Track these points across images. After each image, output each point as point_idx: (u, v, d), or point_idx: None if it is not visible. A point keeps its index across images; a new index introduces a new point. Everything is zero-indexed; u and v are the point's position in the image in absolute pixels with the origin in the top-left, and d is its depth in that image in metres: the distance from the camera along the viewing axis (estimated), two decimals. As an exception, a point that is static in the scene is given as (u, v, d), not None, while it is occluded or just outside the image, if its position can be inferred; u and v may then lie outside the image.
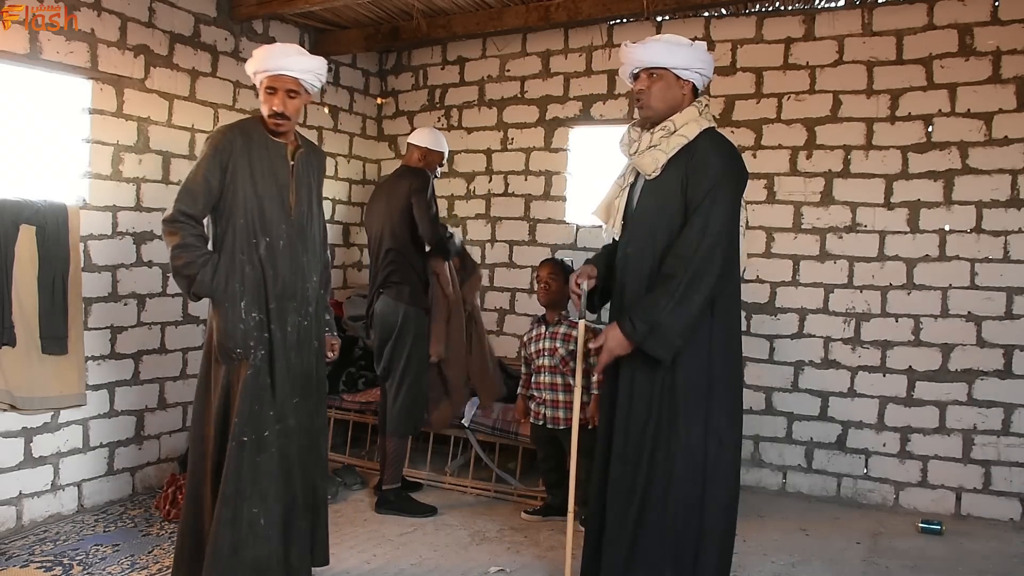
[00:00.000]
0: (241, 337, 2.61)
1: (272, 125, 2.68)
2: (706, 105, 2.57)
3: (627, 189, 2.65)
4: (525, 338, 3.79)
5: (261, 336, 2.64)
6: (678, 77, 2.52)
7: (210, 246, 2.70)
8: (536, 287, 3.76)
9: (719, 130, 2.59)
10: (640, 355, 2.45)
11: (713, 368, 2.46)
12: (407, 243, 3.77)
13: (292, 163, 2.73)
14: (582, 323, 2.75)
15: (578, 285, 2.68)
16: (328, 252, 3.00)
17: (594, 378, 3.55)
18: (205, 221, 2.71)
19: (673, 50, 2.51)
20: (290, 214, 2.70)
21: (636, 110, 2.61)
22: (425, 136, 4.00)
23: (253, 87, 2.80)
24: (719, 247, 2.39)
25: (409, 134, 4.12)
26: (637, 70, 2.55)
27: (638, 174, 2.61)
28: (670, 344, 2.37)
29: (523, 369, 3.82)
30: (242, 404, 2.59)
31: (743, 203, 2.62)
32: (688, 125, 2.49)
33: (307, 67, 2.66)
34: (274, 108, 2.64)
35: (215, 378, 2.65)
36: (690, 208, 2.41)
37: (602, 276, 2.70)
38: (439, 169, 4.07)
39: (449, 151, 5.10)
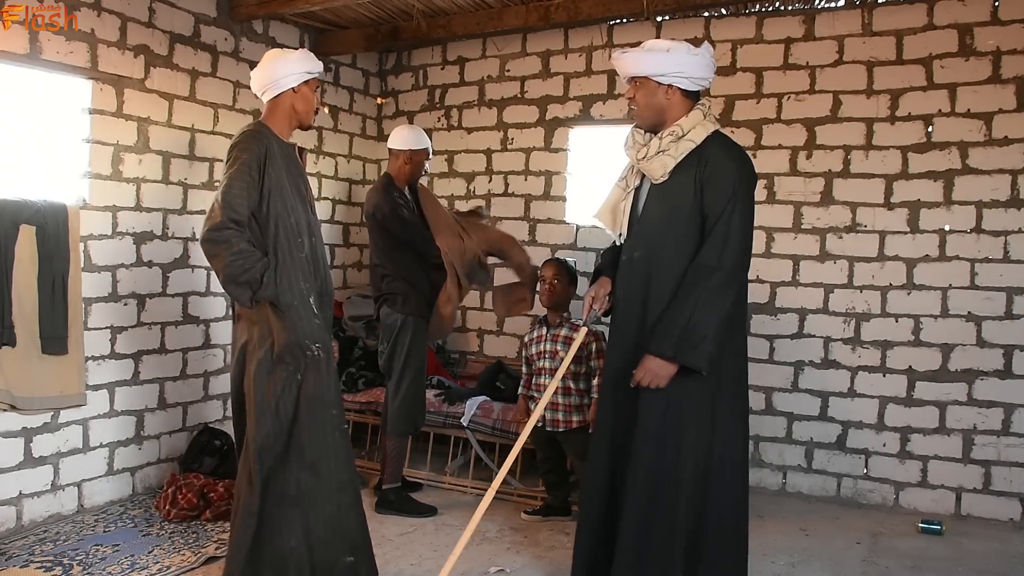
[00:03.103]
0: (318, 333, 2.66)
1: (312, 121, 2.83)
2: (709, 107, 2.59)
3: (632, 193, 2.65)
4: (526, 339, 3.78)
5: (327, 330, 2.74)
6: (659, 83, 2.53)
7: None
8: (540, 287, 3.67)
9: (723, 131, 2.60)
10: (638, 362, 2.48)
11: (720, 369, 2.46)
12: (389, 258, 3.76)
13: (302, 162, 2.81)
14: (583, 329, 2.77)
15: (593, 300, 2.71)
16: None
17: (594, 382, 3.54)
18: None
19: (648, 57, 2.52)
20: (311, 211, 2.80)
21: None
22: (405, 137, 3.89)
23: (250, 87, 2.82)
24: (742, 256, 2.42)
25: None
26: (625, 79, 2.61)
27: (643, 177, 2.62)
28: (704, 351, 2.36)
29: (524, 369, 3.81)
30: (336, 395, 2.72)
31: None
32: (695, 129, 2.50)
33: None
34: (319, 105, 2.82)
35: (275, 383, 2.60)
36: (709, 217, 2.42)
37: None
38: (427, 164, 4.01)
39: (449, 151, 5.16)
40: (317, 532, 2.61)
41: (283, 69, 2.70)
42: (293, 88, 2.72)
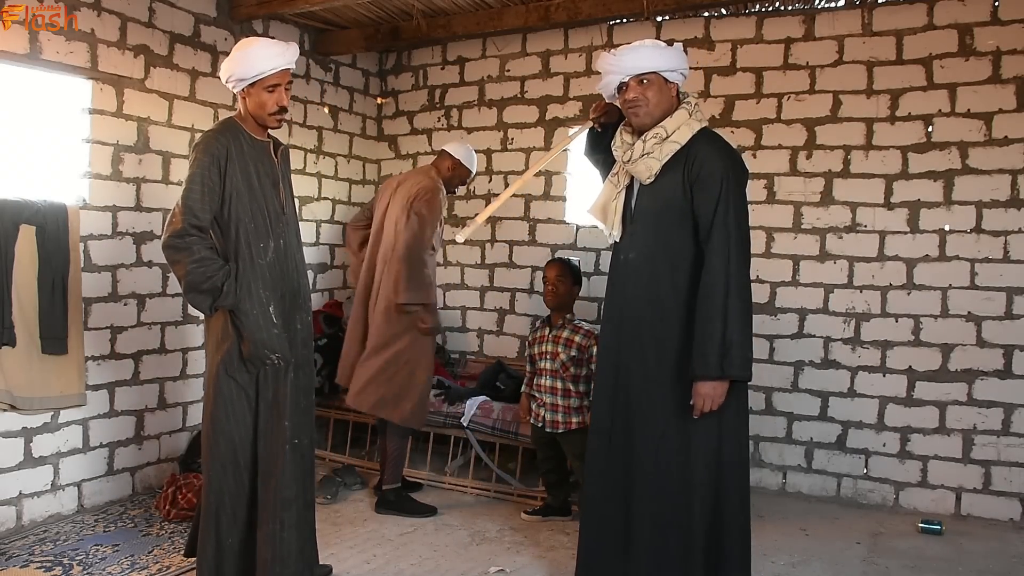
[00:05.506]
0: (278, 341, 2.60)
1: (277, 122, 2.66)
2: (695, 105, 2.56)
3: (623, 192, 2.64)
4: (530, 337, 3.78)
5: (287, 337, 2.64)
6: (667, 81, 2.51)
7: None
8: (543, 288, 3.68)
9: (715, 130, 2.59)
10: (645, 367, 2.49)
11: None
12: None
13: (276, 160, 2.72)
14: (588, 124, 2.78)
15: (602, 112, 2.72)
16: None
17: (594, 384, 3.54)
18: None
19: (661, 53, 2.50)
20: (283, 211, 2.70)
21: (632, 118, 2.57)
22: (461, 149, 3.95)
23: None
24: (746, 255, 2.43)
25: (410, 134, 4.13)
26: (628, 78, 2.51)
27: (633, 177, 2.61)
28: (745, 359, 2.38)
29: (528, 368, 3.81)
30: (292, 407, 2.62)
31: None
32: (680, 130, 2.48)
33: (297, 55, 2.65)
34: (283, 104, 2.62)
35: (231, 390, 2.58)
36: (702, 220, 2.41)
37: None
38: (460, 189, 4.08)
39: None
40: (262, 552, 2.56)
41: (226, 73, 2.59)
42: (238, 94, 2.62)
